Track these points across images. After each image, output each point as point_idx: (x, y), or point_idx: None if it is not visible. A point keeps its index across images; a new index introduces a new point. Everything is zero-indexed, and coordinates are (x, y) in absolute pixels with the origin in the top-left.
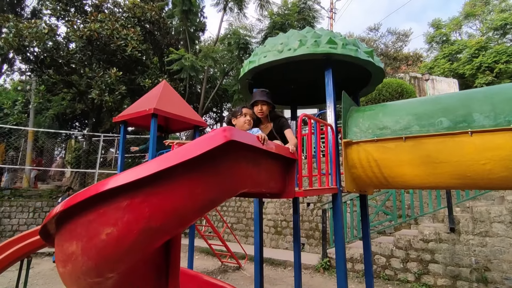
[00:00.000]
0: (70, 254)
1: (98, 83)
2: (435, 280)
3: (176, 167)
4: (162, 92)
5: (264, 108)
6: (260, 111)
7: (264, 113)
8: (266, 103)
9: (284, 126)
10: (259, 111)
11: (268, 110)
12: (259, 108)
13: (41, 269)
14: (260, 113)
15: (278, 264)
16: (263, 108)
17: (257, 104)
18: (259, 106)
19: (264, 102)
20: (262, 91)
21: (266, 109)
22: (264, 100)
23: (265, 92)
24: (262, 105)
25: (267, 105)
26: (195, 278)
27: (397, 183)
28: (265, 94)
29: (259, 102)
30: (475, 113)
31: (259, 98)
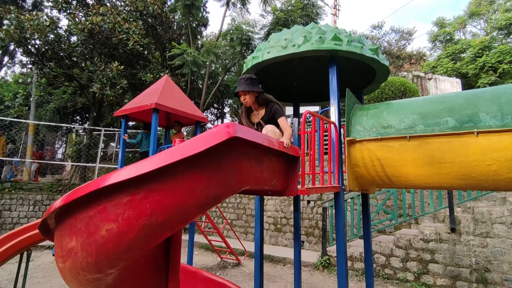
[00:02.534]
0: (70, 250)
1: (99, 77)
2: (434, 280)
3: (178, 164)
4: (163, 87)
5: (247, 97)
6: (244, 101)
7: (249, 102)
8: (248, 92)
9: (277, 114)
10: (243, 102)
11: (253, 97)
12: (242, 98)
13: (41, 262)
14: (246, 103)
15: (278, 261)
16: (246, 98)
17: (240, 95)
18: (241, 96)
19: (245, 92)
20: (242, 78)
21: (250, 97)
22: (244, 90)
23: (245, 79)
24: (244, 95)
25: (249, 93)
26: (195, 275)
27: (400, 182)
28: (245, 82)
29: (240, 93)
30: (481, 113)
31: (238, 89)
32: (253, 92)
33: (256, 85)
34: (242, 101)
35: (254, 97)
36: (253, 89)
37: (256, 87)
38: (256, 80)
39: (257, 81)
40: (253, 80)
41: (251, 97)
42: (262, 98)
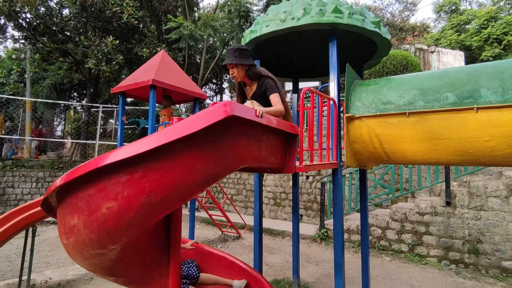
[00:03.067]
0: (72, 227)
1: (94, 52)
2: (428, 251)
3: (176, 142)
4: (160, 62)
5: (235, 71)
6: (232, 75)
7: (239, 76)
8: (236, 65)
9: (269, 89)
10: (232, 76)
11: (243, 70)
12: (231, 72)
13: (47, 236)
14: (235, 78)
15: (277, 234)
16: (234, 71)
17: (228, 68)
18: (230, 70)
19: (232, 65)
20: (230, 50)
21: (239, 70)
22: (231, 63)
23: (233, 51)
24: (231, 69)
25: (237, 67)
26: (196, 249)
27: (398, 159)
28: (232, 54)
29: (228, 66)
30: (482, 89)
31: (225, 62)
32: (241, 65)
33: (246, 57)
34: (231, 75)
35: (243, 71)
36: (242, 62)
37: (245, 60)
38: (246, 51)
39: (247, 52)
40: (242, 52)
41: (240, 70)
42: (252, 72)
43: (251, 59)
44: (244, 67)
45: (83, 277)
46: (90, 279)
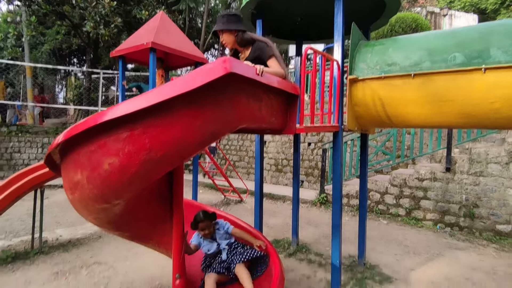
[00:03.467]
0: (76, 183)
1: (91, 15)
2: (424, 215)
3: (175, 99)
4: (159, 24)
5: (225, 38)
6: (222, 42)
7: (229, 43)
8: (225, 30)
9: (263, 53)
10: (222, 43)
11: (232, 37)
12: (221, 39)
13: (56, 199)
14: (225, 45)
15: (278, 198)
16: (223, 38)
17: (218, 35)
18: (221, 37)
19: (220, 31)
20: (219, 16)
21: (229, 37)
22: (219, 29)
23: (222, 17)
24: (222, 36)
25: (226, 33)
26: (199, 208)
27: (400, 122)
28: (221, 20)
29: (218, 33)
30: (492, 48)
31: (214, 28)
32: (229, 31)
33: (235, 23)
34: (221, 42)
35: (233, 37)
36: (229, 27)
37: (233, 25)
38: (234, 17)
39: (235, 18)
40: (230, 18)
41: (229, 37)
42: (241, 38)
43: (241, 24)
44: (233, 33)
45: (91, 236)
46: (98, 238)
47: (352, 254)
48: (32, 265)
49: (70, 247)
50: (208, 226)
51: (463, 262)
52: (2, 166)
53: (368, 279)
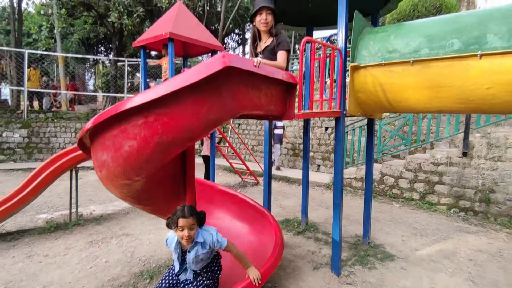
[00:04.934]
0: (103, 162)
1: (115, 5)
2: (438, 199)
3: (181, 91)
4: (177, 14)
5: (270, 19)
6: (265, 21)
7: (269, 25)
8: (272, 12)
9: (281, 45)
10: (263, 22)
11: (273, 20)
12: (264, 18)
13: (88, 179)
14: (265, 25)
15: (293, 181)
16: (268, 18)
17: (261, 12)
18: (264, 15)
19: (270, 10)
20: None
21: (271, 20)
22: (270, 6)
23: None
24: (267, 14)
25: (273, 14)
26: (211, 187)
27: (401, 107)
28: (269, 1)
29: (264, 9)
30: (489, 34)
31: (264, 4)
32: (274, 14)
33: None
34: (261, 20)
35: (274, 21)
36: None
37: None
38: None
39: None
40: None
41: (273, 19)
42: (279, 25)
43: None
44: (275, 18)
45: (120, 212)
46: (126, 213)
47: (359, 234)
48: (71, 234)
49: (102, 220)
50: (191, 226)
51: (470, 244)
52: (41, 149)
53: (370, 256)
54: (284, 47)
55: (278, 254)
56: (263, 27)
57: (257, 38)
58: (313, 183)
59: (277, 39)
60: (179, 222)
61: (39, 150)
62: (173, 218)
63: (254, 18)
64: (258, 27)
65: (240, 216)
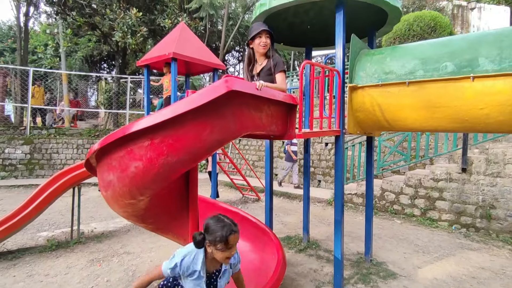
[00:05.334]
0: (109, 182)
1: (120, 25)
2: (439, 215)
3: (185, 114)
4: (180, 35)
5: (268, 41)
6: (265, 44)
7: (267, 47)
8: (270, 35)
9: (277, 66)
10: (263, 44)
11: (270, 43)
12: (264, 40)
13: (89, 196)
14: (264, 47)
15: (294, 197)
16: (267, 40)
17: (261, 35)
18: (263, 38)
19: (268, 33)
20: (259, 23)
21: (269, 42)
22: (269, 31)
23: (263, 23)
24: (266, 37)
25: (270, 38)
26: (213, 205)
27: (399, 126)
28: (264, 25)
29: (263, 32)
30: (481, 57)
31: (264, 28)
32: (272, 38)
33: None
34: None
35: (270, 44)
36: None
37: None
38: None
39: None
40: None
41: (269, 42)
42: (272, 48)
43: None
44: (271, 40)
45: (121, 229)
46: (127, 231)
47: (361, 251)
48: (72, 252)
49: (103, 238)
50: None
51: (473, 261)
52: (43, 165)
53: (372, 275)
54: (281, 68)
55: (280, 273)
56: (262, 49)
57: (252, 60)
58: (314, 199)
59: (273, 61)
60: (231, 239)
61: (40, 166)
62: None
63: (251, 41)
64: (256, 50)
65: (241, 234)
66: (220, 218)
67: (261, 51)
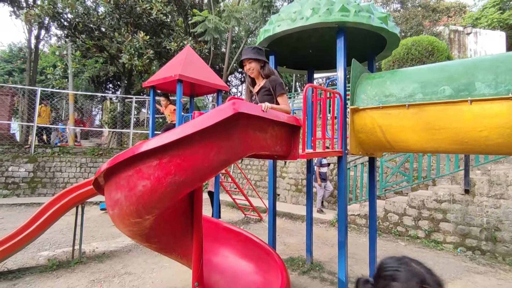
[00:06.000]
0: (116, 201)
1: (127, 48)
2: (444, 237)
3: (193, 135)
4: (186, 58)
5: (253, 66)
6: (249, 70)
7: (254, 71)
8: (253, 60)
9: (278, 88)
10: (248, 70)
11: (258, 66)
12: (247, 67)
13: (91, 215)
14: (251, 73)
15: (297, 218)
16: (250, 66)
17: (244, 63)
18: (246, 65)
19: (249, 59)
20: (248, 48)
21: (255, 66)
22: (249, 57)
23: (251, 49)
24: (248, 63)
25: (254, 62)
26: (217, 225)
27: (400, 147)
28: (251, 51)
29: (245, 61)
30: (477, 82)
31: (244, 57)
32: (258, 61)
33: (262, 55)
34: (246, 70)
35: (258, 67)
36: (258, 57)
37: (261, 57)
38: (261, 50)
39: (262, 51)
40: (258, 50)
41: (256, 66)
42: (267, 68)
43: (264, 57)
44: (260, 63)
45: (123, 249)
46: (129, 251)
47: (366, 274)
48: (73, 273)
49: (104, 258)
50: None
51: (479, 285)
52: (45, 184)
53: None
54: (281, 90)
55: None
56: (250, 74)
57: (251, 81)
58: (316, 220)
59: (270, 82)
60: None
61: (43, 185)
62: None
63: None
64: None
65: (245, 254)
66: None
67: (251, 76)
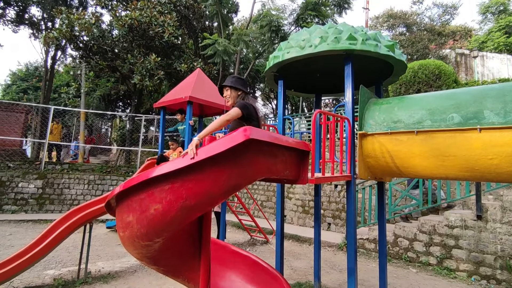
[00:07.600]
0: (128, 223)
1: (139, 69)
2: (457, 265)
3: (205, 161)
4: (196, 80)
5: (228, 93)
6: (225, 97)
7: (230, 99)
8: (230, 87)
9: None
10: (225, 98)
11: (235, 94)
12: (225, 94)
13: (97, 233)
14: (226, 100)
15: (304, 240)
16: (227, 94)
17: (223, 89)
18: (224, 92)
19: (226, 87)
20: (230, 76)
21: (231, 94)
22: (226, 85)
23: (232, 77)
24: (225, 90)
25: (231, 90)
26: (224, 248)
27: (409, 172)
28: (230, 79)
29: (223, 87)
30: (486, 110)
31: (223, 84)
32: (235, 89)
33: (241, 85)
34: (224, 96)
35: (236, 95)
36: (236, 86)
37: (240, 86)
38: (242, 80)
39: (242, 81)
40: (238, 79)
41: (233, 94)
42: (242, 98)
43: (246, 88)
44: (237, 92)
45: (128, 269)
46: (134, 272)
47: None
48: None
49: (109, 279)
50: None
51: None
52: (53, 200)
53: None
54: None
55: None
56: (226, 102)
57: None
58: (324, 243)
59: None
60: None
61: (51, 201)
62: None
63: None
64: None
65: (252, 280)
66: None
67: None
